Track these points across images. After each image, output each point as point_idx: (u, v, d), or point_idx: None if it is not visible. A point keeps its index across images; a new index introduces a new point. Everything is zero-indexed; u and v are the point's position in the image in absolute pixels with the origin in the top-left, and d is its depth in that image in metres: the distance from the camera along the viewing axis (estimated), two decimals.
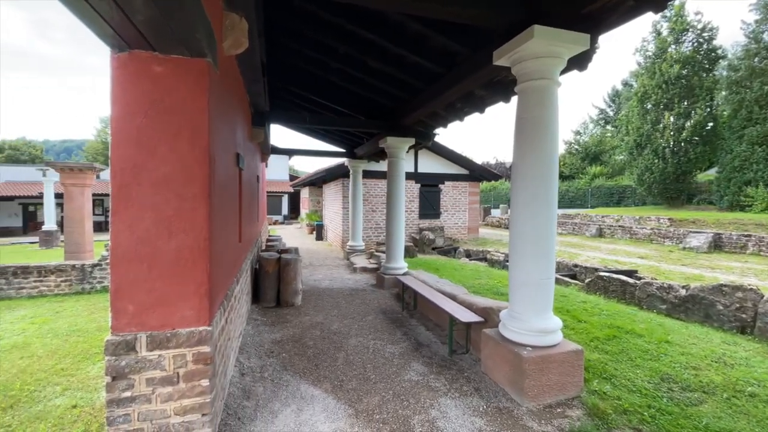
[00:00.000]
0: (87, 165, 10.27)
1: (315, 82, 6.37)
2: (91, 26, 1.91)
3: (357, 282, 7.38)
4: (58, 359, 4.29)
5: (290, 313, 5.31)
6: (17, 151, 42.94)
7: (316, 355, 3.87)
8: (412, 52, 4.42)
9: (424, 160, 12.84)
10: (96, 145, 45.67)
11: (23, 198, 23.65)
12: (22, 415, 3.14)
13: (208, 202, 2.28)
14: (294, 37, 4.95)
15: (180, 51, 2.17)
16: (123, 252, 2.11)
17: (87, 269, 7.79)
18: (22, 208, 25.00)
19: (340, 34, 4.55)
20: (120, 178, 2.13)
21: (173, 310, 2.19)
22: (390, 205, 6.82)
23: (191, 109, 2.24)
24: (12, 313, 6.26)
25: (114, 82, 2.12)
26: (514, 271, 3.28)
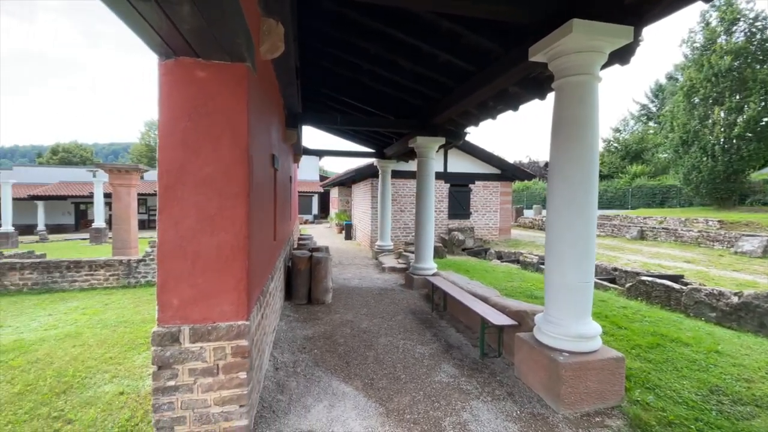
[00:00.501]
0: (133, 166, 10.92)
1: (346, 84, 6.45)
2: (142, 36, 2.03)
3: (386, 281, 7.41)
4: (107, 348, 4.58)
5: (321, 311, 5.41)
6: (70, 153, 46.24)
7: (347, 352, 3.92)
8: (443, 51, 4.39)
9: (454, 160, 12.68)
10: (140, 147, 48.48)
11: (75, 197, 25.47)
12: (74, 400, 3.38)
13: (248, 201, 2.37)
14: (325, 40, 5.04)
15: (221, 56, 2.26)
16: (169, 248, 2.23)
17: (132, 264, 8.29)
18: (74, 206, 26.98)
19: (372, 35, 4.58)
20: (166, 179, 2.25)
21: (214, 305, 2.29)
22: (419, 205, 6.80)
23: (232, 112, 2.33)
24: (65, 305, 6.75)
25: (161, 88, 2.25)
26: (551, 274, 3.18)
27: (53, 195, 24.39)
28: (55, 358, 4.28)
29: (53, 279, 7.89)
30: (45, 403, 3.30)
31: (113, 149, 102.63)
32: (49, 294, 7.56)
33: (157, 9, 1.69)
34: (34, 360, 4.23)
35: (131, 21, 1.83)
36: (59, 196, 24.83)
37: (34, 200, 23.47)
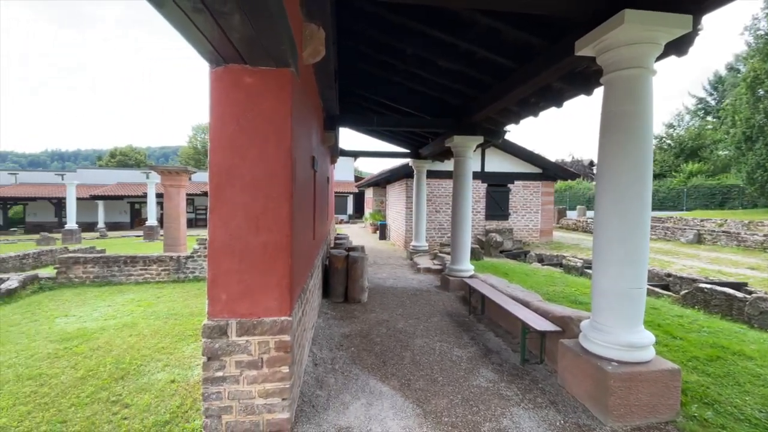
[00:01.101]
0: (182, 168, 11.61)
1: (382, 84, 6.49)
2: (196, 45, 2.16)
3: (421, 282, 7.37)
4: (160, 338, 4.90)
5: (357, 309, 5.48)
6: (126, 156, 49.91)
7: (383, 352, 3.94)
8: (482, 48, 4.30)
9: (492, 159, 12.38)
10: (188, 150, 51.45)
11: (131, 197, 27.47)
12: (131, 386, 3.64)
13: (291, 202, 2.45)
14: (362, 42, 5.10)
15: (267, 62, 2.35)
16: (218, 246, 2.35)
17: (182, 261, 8.81)
18: (130, 206, 29.11)
19: (408, 35, 4.58)
20: (216, 180, 2.37)
21: (259, 300, 2.38)
22: (456, 205, 6.70)
23: (276, 116, 2.42)
24: (122, 297, 7.29)
25: (211, 94, 2.37)
26: (599, 279, 3.02)
27: (111, 195, 26.46)
28: (113, 346, 4.63)
29: (112, 273, 8.55)
30: (105, 387, 3.58)
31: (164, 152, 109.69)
32: (109, 286, 8.20)
33: (210, 19, 1.79)
34: (95, 347, 4.61)
35: (186, 31, 1.95)
36: (117, 196, 26.90)
37: (95, 200, 25.58)
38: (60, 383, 3.67)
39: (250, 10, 1.72)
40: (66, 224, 19.54)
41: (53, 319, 5.80)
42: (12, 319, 5.87)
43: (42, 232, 20.35)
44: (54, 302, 6.90)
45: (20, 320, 5.78)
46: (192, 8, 1.68)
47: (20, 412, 3.14)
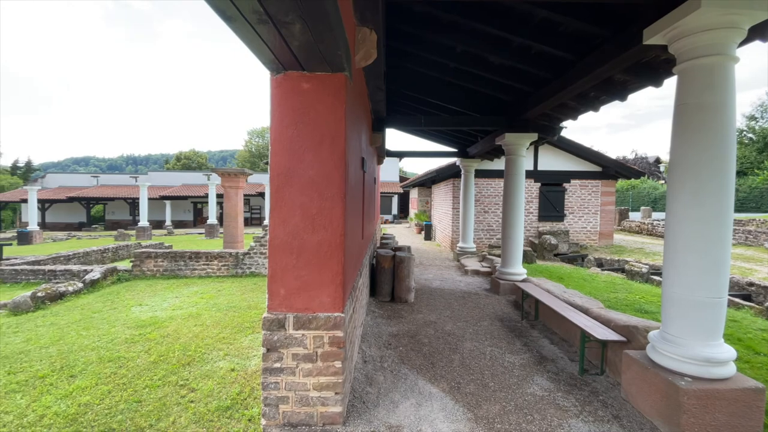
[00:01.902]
0: (240, 170, 12.34)
1: (430, 83, 6.45)
2: (259, 55, 2.29)
3: (469, 285, 7.22)
4: (221, 329, 5.25)
5: (404, 309, 5.49)
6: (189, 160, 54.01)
7: (432, 353, 3.91)
8: (538, 41, 4.13)
9: (546, 157, 11.79)
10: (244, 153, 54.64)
11: (194, 197, 29.71)
12: (196, 372, 3.93)
13: (344, 202, 2.52)
14: (410, 42, 5.10)
15: (323, 68, 2.44)
16: (278, 243, 2.48)
17: (240, 257, 9.37)
18: (193, 205, 31.52)
19: (459, 33, 4.51)
20: (276, 181, 2.50)
21: (314, 296, 2.48)
22: (507, 205, 6.48)
23: (331, 120, 2.50)
24: (188, 289, 7.90)
25: (272, 101, 2.50)
26: (671, 287, 2.77)
27: (177, 195, 28.80)
28: (180, 335, 5.04)
29: (178, 267, 9.31)
30: (174, 372, 3.91)
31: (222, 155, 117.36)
32: (176, 279, 8.94)
33: (273, 29, 1.89)
34: (165, 335, 5.04)
35: (251, 42, 2.07)
36: (181, 197, 29.23)
37: (163, 200, 27.97)
38: (135, 366, 4.06)
39: (310, 18, 1.80)
40: (139, 222, 21.63)
41: (129, 308, 6.43)
42: (95, 306, 6.60)
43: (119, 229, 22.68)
44: (130, 292, 7.65)
45: (102, 308, 6.48)
46: (257, 20, 1.79)
47: (102, 391, 3.52)
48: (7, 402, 3.33)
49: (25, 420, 3.05)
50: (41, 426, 2.96)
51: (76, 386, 3.59)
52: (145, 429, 2.91)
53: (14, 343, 4.79)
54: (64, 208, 30.15)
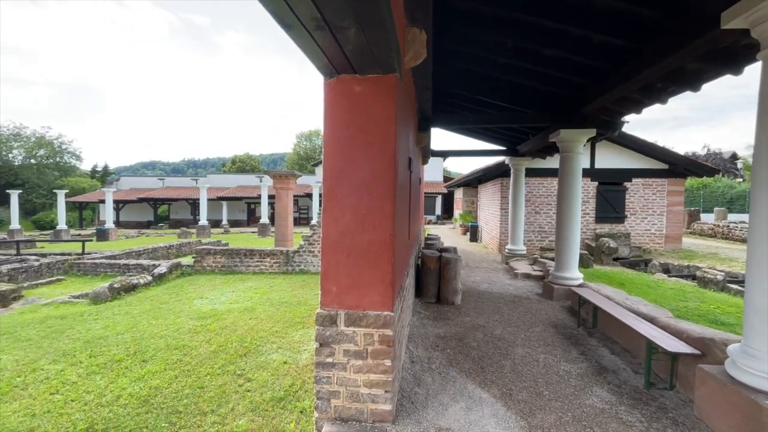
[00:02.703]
0: (290, 172, 12.87)
1: (478, 81, 6.28)
2: (314, 60, 2.37)
3: (519, 289, 6.95)
4: (273, 323, 5.50)
5: (450, 311, 5.40)
6: (243, 163, 57.15)
7: (481, 357, 3.81)
8: (597, 31, 3.88)
9: (604, 154, 11.01)
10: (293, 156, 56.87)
11: (247, 198, 31.45)
12: (252, 363, 4.14)
13: (394, 202, 2.53)
14: (458, 39, 5.01)
15: (375, 70, 2.47)
16: (330, 242, 2.55)
17: (290, 255, 9.77)
18: (247, 206, 33.38)
19: (509, 27, 4.35)
20: (329, 182, 2.57)
21: (364, 294, 2.52)
22: (562, 206, 6.15)
23: (382, 121, 2.53)
24: (243, 284, 8.37)
25: (325, 104, 2.58)
26: (755, 296, 2.48)
27: (232, 196, 30.65)
28: (237, 327, 5.35)
29: (234, 263, 9.90)
30: (232, 362, 4.16)
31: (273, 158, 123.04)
32: (232, 275, 9.52)
33: (329, 35, 1.95)
34: (223, 326, 5.38)
35: (308, 48, 2.15)
36: (236, 198, 31.09)
37: (220, 200, 29.87)
38: (198, 354, 4.37)
39: (365, 22, 1.83)
40: (199, 221, 23.28)
41: (192, 300, 6.94)
42: (162, 298, 7.20)
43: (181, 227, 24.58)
44: (192, 286, 8.26)
45: (168, 299, 7.06)
46: (315, 26, 1.85)
47: (169, 376, 3.83)
48: (89, 382, 3.73)
49: (104, 399, 3.39)
50: (117, 405, 3.28)
51: (147, 370, 3.94)
52: (208, 414, 3.13)
53: (95, 329, 5.36)
54: (135, 208, 33.25)
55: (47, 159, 42.01)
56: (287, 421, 2.98)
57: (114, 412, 3.17)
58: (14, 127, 40.94)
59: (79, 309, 6.48)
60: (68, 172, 43.09)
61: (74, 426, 2.97)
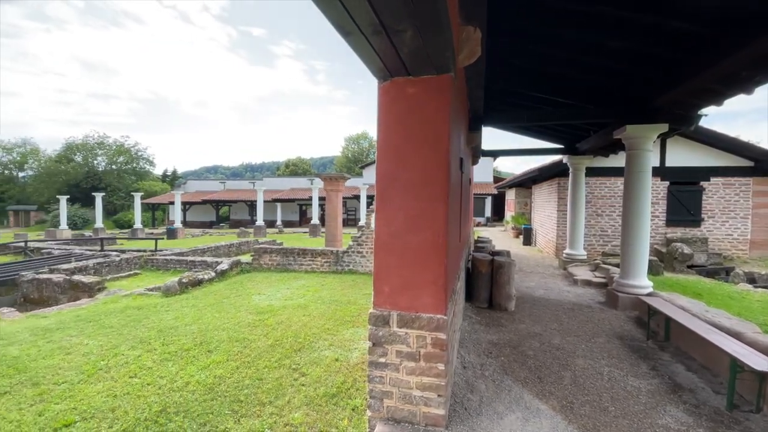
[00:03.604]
0: (340, 175, 13.20)
1: (533, 77, 6.02)
2: (369, 64, 2.41)
3: (579, 296, 6.53)
4: (325, 321, 5.66)
5: (504, 318, 5.22)
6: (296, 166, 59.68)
7: (538, 367, 3.64)
8: (674, 18, 3.54)
9: (676, 151, 9.98)
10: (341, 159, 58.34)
11: (300, 200, 32.77)
12: (306, 358, 4.30)
13: (447, 204, 2.50)
14: (513, 35, 4.82)
15: (429, 71, 2.46)
16: (382, 243, 2.58)
17: (340, 255, 10.01)
18: (299, 207, 34.79)
19: (569, 18, 4.12)
20: (381, 184, 2.60)
21: (417, 296, 2.51)
22: (628, 208, 5.68)
23: (435, 121, 2.51)
24: (296, 282, 8.72)
25: (380, 108, 2.61)
26: None
27: (286, 198, 32.13)
28: (292, 323, 5.58)
29: (288, 261, 10.35)
30: (287, 356, 4.34)
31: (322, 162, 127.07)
32: (286, 273, 9.95)
33: (386, 39, 1.97)
34: (279, 322, 5.64)
35: (364, 53, 2.19)
36: (289, 199, 32.54)
37: (275, 202, 31.41)
38: (257, 347, 4.62)
39: (421, 24, 1.83)
40: (256, 221, 24.69)
41: (251, 296, 7.36)
42: (224, 293, 7.71)
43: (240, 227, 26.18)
44: (250, 282, 8.76)
45: (229, 294, 7.54)
46: (372, 32, 1.89)
47: (231, 366, 4.08)
48: (162, 368, 4.09)
49: (175, 384, 3.70)
50: (187, 391, 3.56)
51: (212, 360, 4.24)
52: (266, 405, 3.29)
53: (166, 319, 5.87)
54: (200, 209, 36.00)
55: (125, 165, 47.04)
56: (340, 418, 3.05)
57: (184, 397, 3.45)
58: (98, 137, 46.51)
59: (153, 301, 7.14)
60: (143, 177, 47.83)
61: (150, 408, 3.27)
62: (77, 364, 4.21)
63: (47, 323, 5.76)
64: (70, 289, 8.29)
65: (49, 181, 41.98)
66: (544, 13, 4.15)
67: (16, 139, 51.13)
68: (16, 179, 48.52)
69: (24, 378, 3.86)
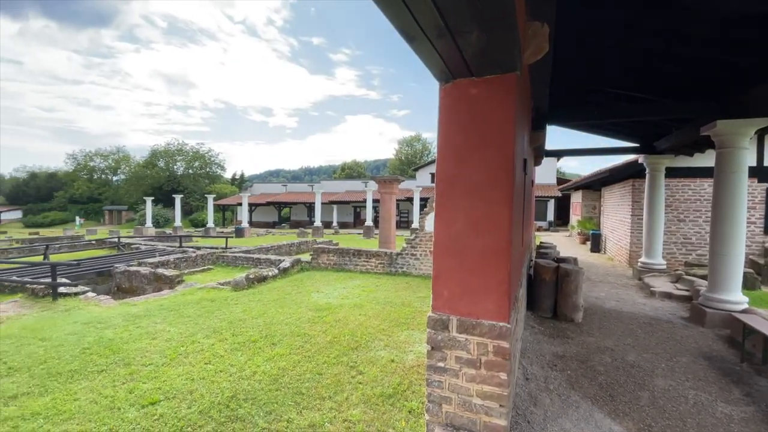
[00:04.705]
0: (394, 177, 13.31)
1: (605, 70, 5.57)
2: (432, 67, 2.41)
3: (657, 310, 5.92)
4: (380, 321, 5.73)
5: (569, 329, 4.89)
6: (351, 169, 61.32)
7: (609, 384, 3.36)
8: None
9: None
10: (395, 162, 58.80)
11: (354, 202, 33.62)
12: (362, 357, 4.37)
13: (511, 207, 2.41)
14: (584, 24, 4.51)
15: (493, 71, 2.39)
16: (442, 246, 2.55)
17: (393, 256, 10.08)
18: (353, 209, 35.68)
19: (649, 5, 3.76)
20: (441, 186, 2.58)
21: (477, 302, 2.44)
22: (720, 213, 5.04)
23: (499, 122, 2.43)
24: (352, 282, 8.92)
25: (441, 110, 2.59)
26: None
27: (342, 201, 33.13)
28: (349, 321, 5.72)
29: (344, 261, 10.64)
30: (344, 353, 4.46)
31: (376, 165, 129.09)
32: (342, 272, 10.24)
33: (450, 41, 1.96)
34: (337, 320, 5.81)
35: (428, 57, 2.20)
36: (345, 202, 33.52)
37: (331, 204, 32.51)
38: (316, 343, 4.81)
39: (488, 24, 1.79)
40: (314, 222, 25.76)
41: (310, 293, 7.68)
42: (286, 289, 8.12)
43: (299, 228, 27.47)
44: (309, 280, 9.14)
45: (291, 291, 7.94)
46: (436, 35, 1.89)
47: (293, 360, 4.29)
48: (232, 357, 4.40)
49: (244, 373, 3.96)
50: (254, 380, 3.80)
51: (276, 353, 4.49)
52: (326, 399, 3.41)
53: (235, 312, 6.32)
54: (264, 210, 38.41)
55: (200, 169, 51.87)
56: (397, 419, 3.07)
57: (251, 385, 3.69)
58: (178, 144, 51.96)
59: (224, 294, 7.74)
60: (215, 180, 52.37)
61: (222, 393, 3.54)
62: (161, 348, 4.69)
63: (136, 310, 6.50)
64: (154, 281, 9.27)
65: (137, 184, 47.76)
66: (619, 1, 3.84)
67: (111, 148, 59.08)
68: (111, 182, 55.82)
69: (117, 358, 4.39)
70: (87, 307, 6.88)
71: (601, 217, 15.66)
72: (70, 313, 6.47)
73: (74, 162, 55.93)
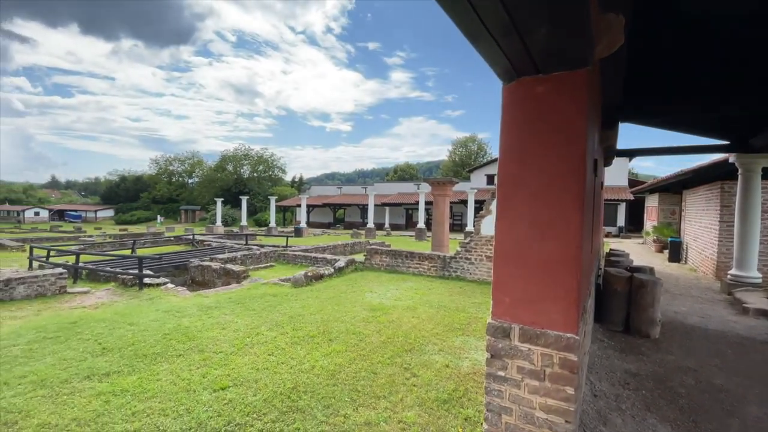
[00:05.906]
0: (448, 179, 13.12)
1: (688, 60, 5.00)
2: (495, 66, 2.35)
3: (751, 329, 5.20)
4: (434, 325, 5.67)
5: (645, 345, 4.47)
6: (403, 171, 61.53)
7: (692, 408, 3.02)
8: None
9: None
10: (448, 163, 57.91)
11: (406, 204, 33.67)
12: (416, 359, 4.35)
13: (581, 211, 2.26)
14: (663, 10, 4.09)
15: (562, 67, 2.27)
16: (503, 251, 2.47)
17: (447, 260, 9.93)
18: (405, 211, 35.75)
19: None
20: (503, 189, 2.50)
21: (542, 310, 2.32)
22: None
23: (568, 121, 2.30)
24: (404, 284, 8.93)
25: (504, 110, 2.51)
26: None
27: (394, 203, 33.36)
28: (402, 323, 5.74)
29: (397, 263, 10.70)
30: (398, 355, 4.47)
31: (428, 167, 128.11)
32: (395, 274, 10.30)
33: (516, 39, 1.90)
34: (390, 320, 5.85)
35: (491, 55, 2.15)
36: (397, 204, 33.71)
37: (383, 206, 32.88)
38: (371, 342, 4.88)
39: (558, 20, 1.71)
40: (367, 224, 26.18)
41: (364, 293, 7.83)
42: (341, 288, 8.36)
43: (353, 229, 28.11)
44: (363, 280, 9.32)
45: (346, 290, 8.15)
46: (502, 33, 1.84)
47: (349, 357, 4.39)
48: (293, 350, 4.62)
49: (303, 366, 4.14)
50: (312, 374, 3.95)
51: (333, 349, 4.63)
52: (381, 398, 3.45)
53: (295, 308, 6.63)
54: (320, 211, 39.95)
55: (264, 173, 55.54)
56: (452, 425, 3.02)
57: (310, 379, 3.84)
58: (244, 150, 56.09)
59: (284, 290, 8.16)
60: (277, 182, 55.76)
61: (284, 384, 3.73)
62: (230, 338, 5.06)
63: (208, 302, 7.08)
64: (223, 275, 10.05)
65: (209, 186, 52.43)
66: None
67: (187, 153, 65.98)
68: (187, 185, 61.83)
69: (192, 345, 4.81)
70: (167, 297, 7.64)
71: (681, 222, 14.10)
72: (153, 302, 7.23)
73: (156, 166, 63.14)
